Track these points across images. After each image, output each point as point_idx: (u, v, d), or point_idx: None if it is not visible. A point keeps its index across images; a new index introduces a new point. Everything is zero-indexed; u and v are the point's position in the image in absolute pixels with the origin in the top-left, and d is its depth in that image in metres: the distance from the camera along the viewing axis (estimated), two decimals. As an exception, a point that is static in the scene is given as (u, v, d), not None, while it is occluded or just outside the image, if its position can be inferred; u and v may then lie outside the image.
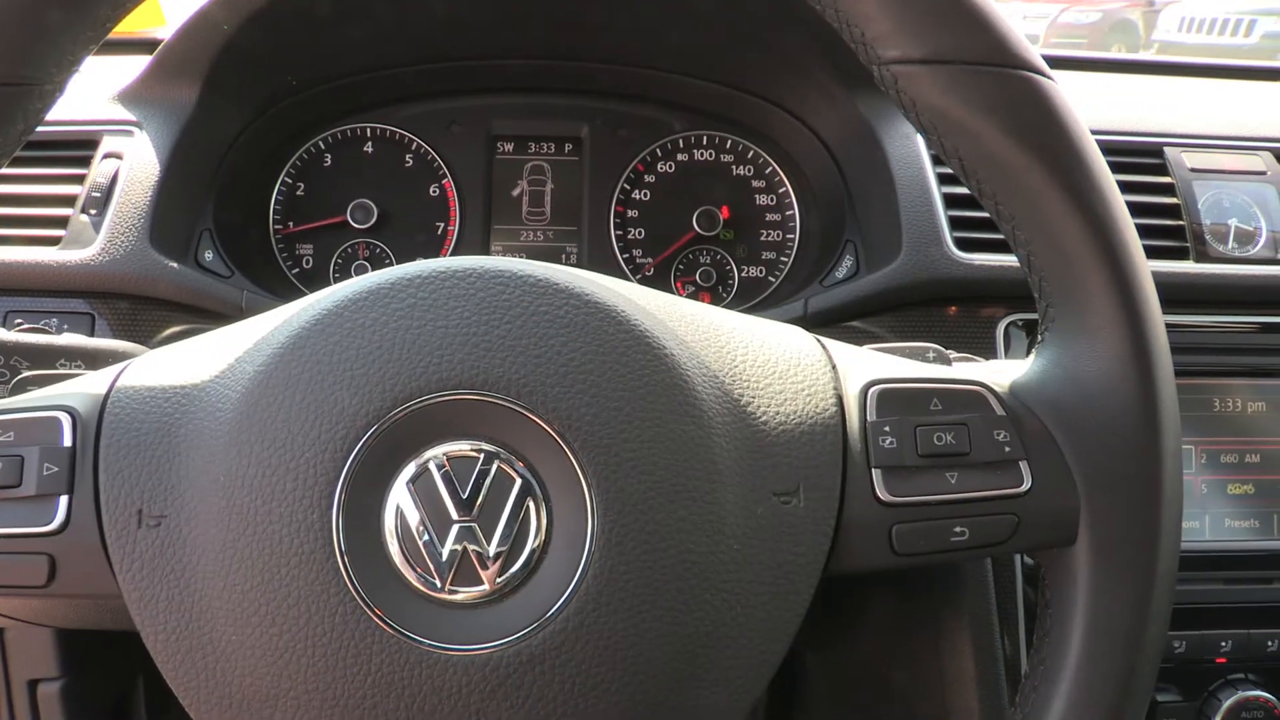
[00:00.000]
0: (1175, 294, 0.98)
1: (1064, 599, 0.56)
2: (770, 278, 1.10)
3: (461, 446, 0.51)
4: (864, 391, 0.56)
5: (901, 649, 1.03)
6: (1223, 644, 0.97)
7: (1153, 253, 0.97)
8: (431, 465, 0.51)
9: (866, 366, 0.58)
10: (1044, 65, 0.55)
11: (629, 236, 1.10)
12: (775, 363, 0.56)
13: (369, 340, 0.52)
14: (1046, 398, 0.56)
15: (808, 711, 1.37)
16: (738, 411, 0.53)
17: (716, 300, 1.09)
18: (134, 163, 0.95)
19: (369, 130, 1.11)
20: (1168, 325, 0.97)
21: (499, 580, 0.50)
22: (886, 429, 0.55)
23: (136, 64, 1.03)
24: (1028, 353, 0.67)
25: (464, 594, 0.50)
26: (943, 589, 0.94)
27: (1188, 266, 0.98)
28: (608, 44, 1.09)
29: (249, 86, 1.02)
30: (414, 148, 1.11)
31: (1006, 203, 0.56)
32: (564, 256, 1.10)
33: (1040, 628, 0.57)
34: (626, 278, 1.08)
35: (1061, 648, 0.56)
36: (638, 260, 1.10)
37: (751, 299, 1.09)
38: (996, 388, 0.57)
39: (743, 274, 1.10)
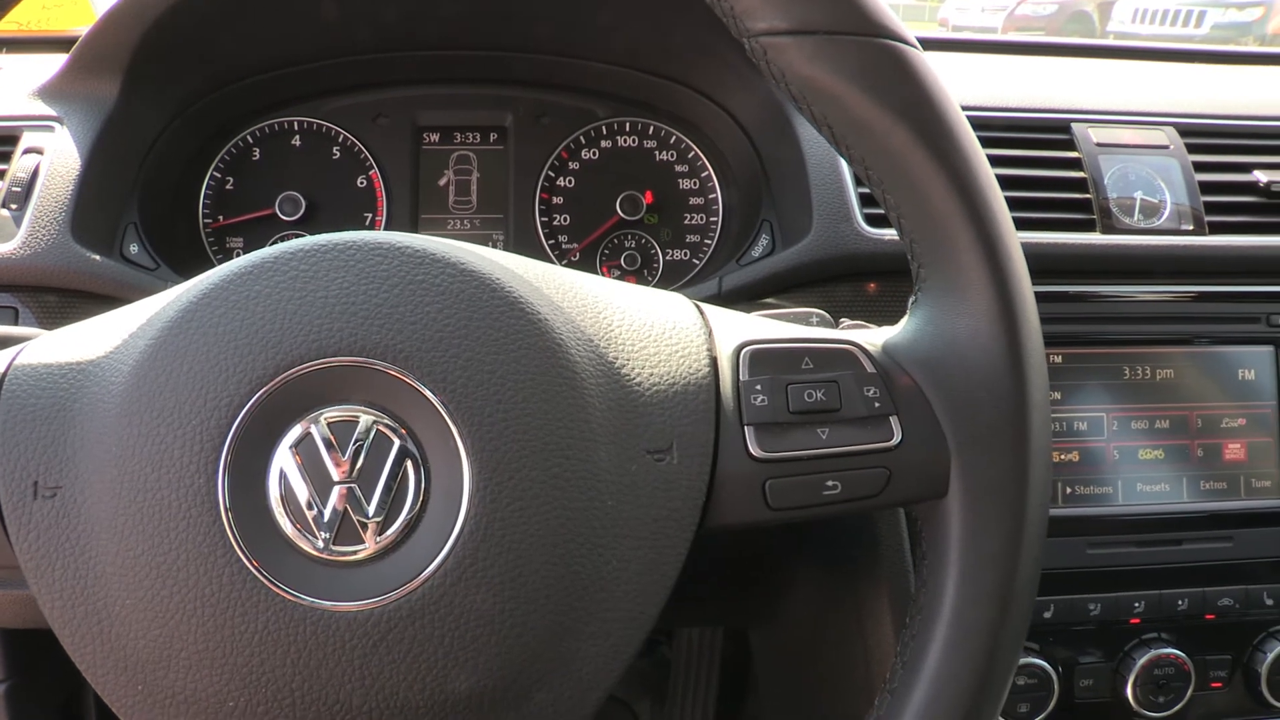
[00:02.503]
0: (1084, 265, 1.01)
1: (938, 550, 0.58)
2: (695, 259, 1.12)
3: (342, 411, 0.53)
4: (736, 352, 0.58)
5: (828, 622, 1.05)
6: (1136, 605, 1.00)
7: (1061, 225, 1.01)
8: (313, 429, 0.52)
9: (741, 329, 0.60)
10: (907, 33, 0.57)
11: (554, 222, 1.12)
12: (651, 327, 0.58)
13: (253, 311, 0.53)
14: (917, 355, 0.58)
15: (757, 688, 1.39)
16: (612, 374, 0.55)
17: (642, 283, 1.11)
18: (55, 157, 0.95)
19: (296, 124, 1.12)
20: (1077, 296, 1.01)
21: (379, 539, 0.52)
22: (758, 387, 0.57)
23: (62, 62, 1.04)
24: None
25: (346, 552, 0.52)
26: (861, 562, 0.97)
27: (1095, 238, 1.01)
28: (529, 33, 1.10)
29: (171, 81, 1.03)
30: (341, 140, 1.12)
31: (875, 167, 0.58)
32: (490, 243, 1.12)
33: (919, 579, 0.59)
34: (553, 262, 1.10)
35: (937, 596, 0.58)
36: (563, 245, 1.12)
37: (677, 281, 1.11)
38: (868, 346, 0.59)
39: (667, 257, 1.12)
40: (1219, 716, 1.03)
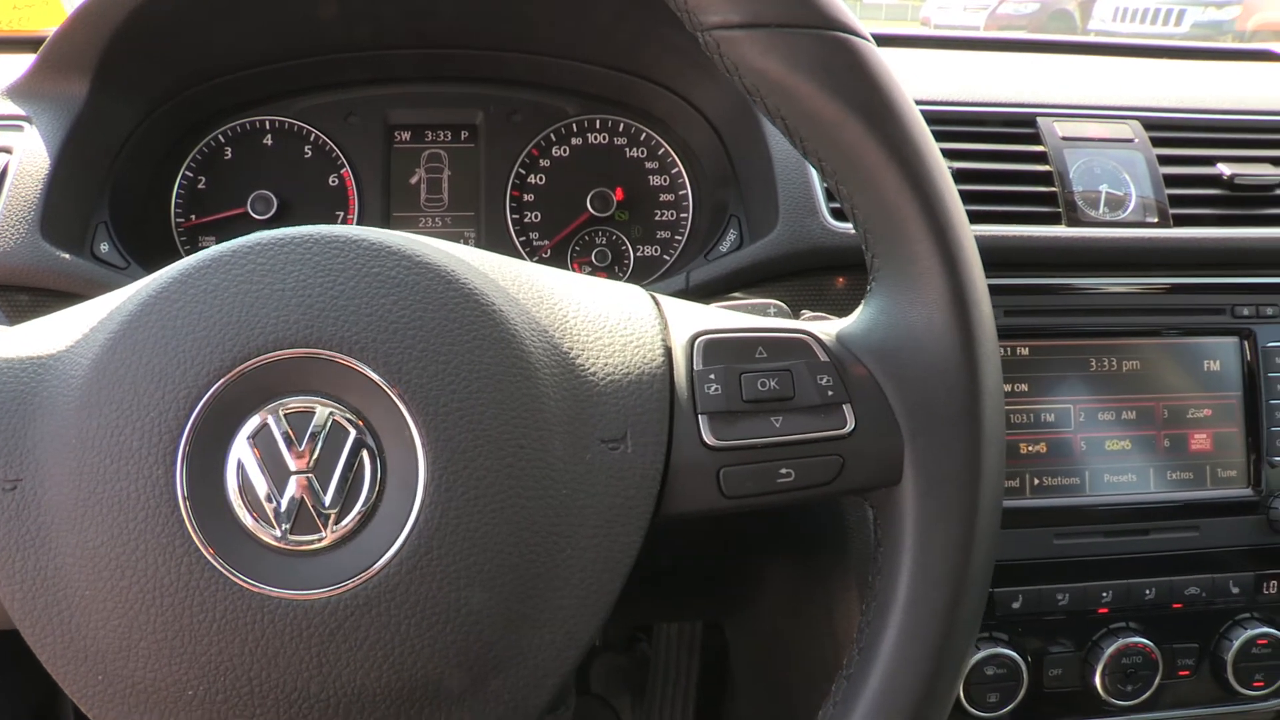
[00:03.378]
0: (1049, 258, 1.02)
1: (893, 537, 0.59)
2: (665, 256, 1.12)
3: (299, 402, 0.53)
4: (691, 342, 0.59)
5: (799, 614, 1.06)
6: (1104, 594, 1.00)
7: (1027, 219, 1.02)
8: (270, 420, 0.53)
9: (695, 319, 0.61)
10: (859, 26, 0.58)
11: (525, 220, 1.12)
12: (605, 318, 0.59)
13: (211, 305, 0.54)
14: (871, 344, 0.59)
15: (734, 680, 1.40)
16: (566, 364, 0.56)
17: (614, 279, 1.11)
18: (24, 157, 0.95)
19: (267, 123, 1.13)
20: (1043, 288, 1.02)
21: (335, 528, 0.52)
22: (712, 376, 0.58)
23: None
24: None
25: (303, 542, 0.52)
26: (831, 554, 0.97)
27: (1060, 231, 1.02)
28: (499, 32, 1.11)
29: (141, 80, 1.03)
30: (312, 139, 1.13)
31: (828, 159, 0.59)
32: (462, 240, 1.12)
33: (874, 566, 0.60)
34: (524, 259, 1.10)
35: (892, 583, 0.58)
36: (534, 243, 1.12)
37: (647, 277, 1.11)
38: (822, 335, 0.60)
39: (638, 253, 1.12)
40: (1187, 704, 1.04)
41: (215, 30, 1.04)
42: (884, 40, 1.54)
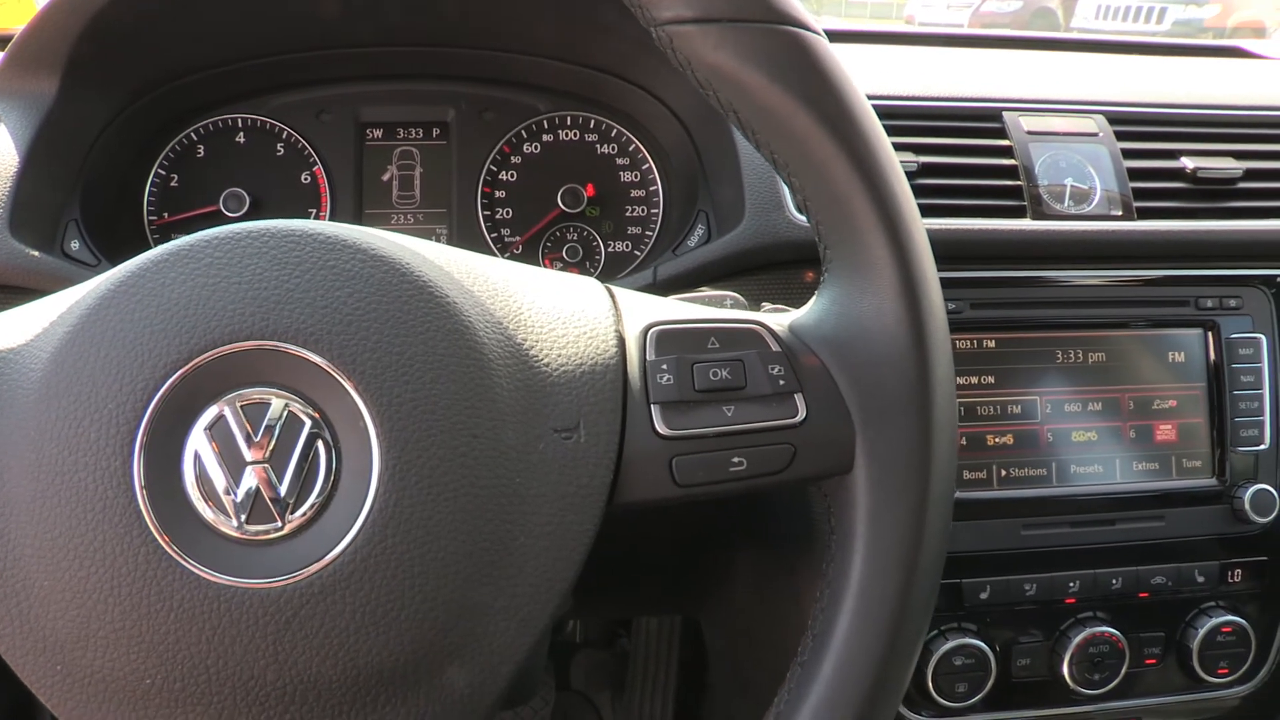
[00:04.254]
0: (1015, 250, 1.03)
1: (846, 524, 0.60)
2: (636, 251, 1.13)
3: (255, 393, 0.54)
4: (644, 333, 0.60)
5: (768, 605, 1.07)
6: (1071, 585, 1.02)
7: (993, 212, 1.03)
8: (227, 411, 0.53)
9: (649, 310, 0.62)
10: (809, 20, 0.59)
11: (497, 216, 1.13)
12: (559, 310, 0.60)
13: (169, 297, 0.54)
14: (823, 334, 0.60)
15: (711, 673, 1.41)
16: (520, 355, 0.57)
17: (585, 274, 1.12)
18: (-8, 154, 0.96)
19: (240, 120, 1.13)
20: (1009, 281, 1.03)
21: (291, 517, 0.53)
22: (664, 367, 0.59)
23: None
24: None
25: (259, 531, 0.53)
26: (798, 544, 0.98)
27: (1026, 224, 1.03)
28: (469, 29, 1.11)
29: (111, 78, 1.03)
30: (285, 137, 1.13)
31: (780, 151, 0.59)
32: (434, 237, 1.13)
33: (828, 554, 0.61)
34: (496, 255, 1.11)
35: (844, 570, 0.59)
36: (506, 239, 1.13)
37: (619, 272, 1.12)
38: (774, 326, 0.60)
39: (609, 249, 1.13)
40: (1153, 693, 1.05)
41: (185, 28, 1.05)
42: (854, 37, 1.55)
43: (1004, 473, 1.01)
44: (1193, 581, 1.04)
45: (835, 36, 1.73)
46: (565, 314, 0.59)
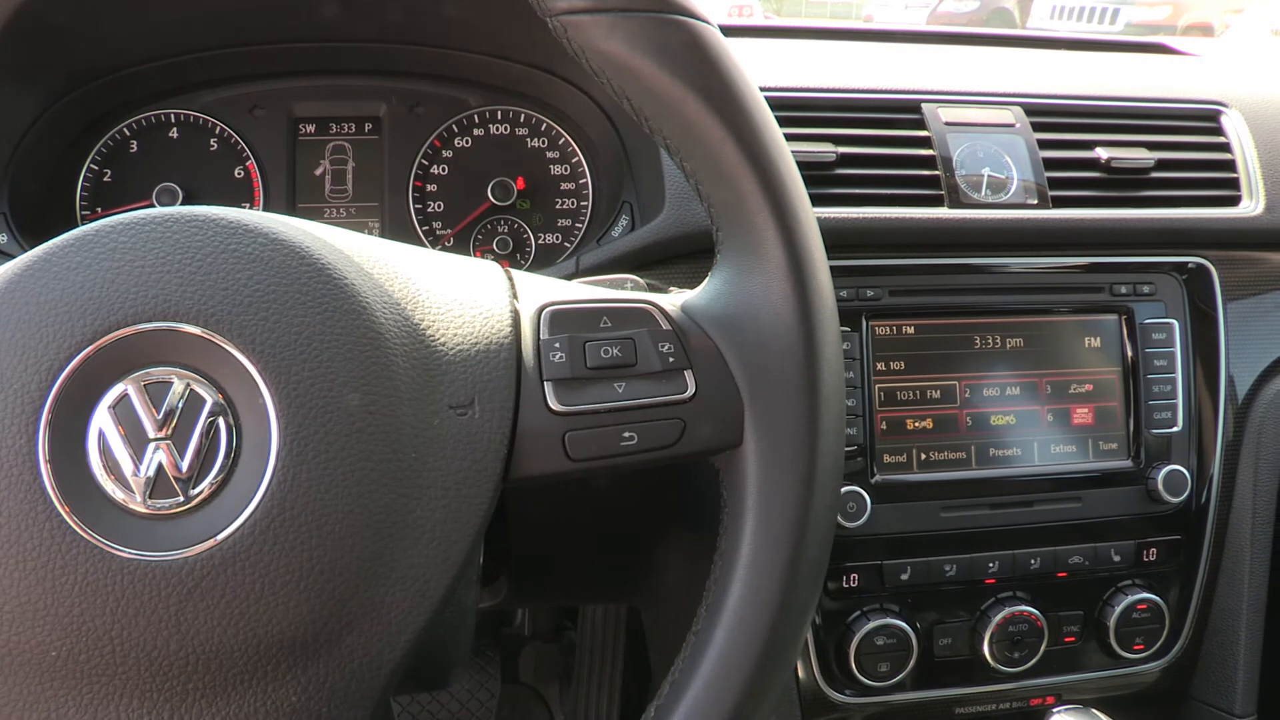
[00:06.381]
0: (932, 239, 1.05)
1: (737, 496, 0.61)
2: (566, 243, 1.15)
3: (158, 372, 0.55)
4: (538, 313, 0.62)
5: (696, 589, 1.08)
6: (991, 565, 1.04)
7: (912, 201, 1.05)
8: (130, 390, 0.55)
9: (544, 291, 0.64)
10: (700, 11, 0.61)
11: (429, 209, 1.14)
12: (457, 291, 0.61)
13: (74, 281, 0.56)
14: (713, 313, 0.62)
15: (651, 660, 1.42)
16: (416, 335, 0.58)
17: (516, 266, 1.14)
18: (-82, 149, 0.96)
19: (173, 116, 1.14)
20: (927, 269, 1.05)
21: (192, 491, 0.54)
22: (557, 345, 0.61)
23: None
24: None
25: (161, 506, 0.54)
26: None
27: (944, 213, 1.05)
28: (401, 25, 1.12)
29: (38, 73, 1.04)
30: (218, 132, 1.14)
31: (672, 136, 0.61)
32: (367, 230, 1.14)
33: (721, 527, 0.63)
34: (427, 247, 1.12)
35: (735, 541, 0.61)
36: (437, 231, 1.14)
37: (549, 263, 1.13)
38: (665, 306, 0.62)
39: (540, 241, 1.15)
40: (1072, 669, 1.08)
41: (111, 24, 1.05)
42: (778, 32, 1.57)
43: (924, 456, 1.03)
44: (1109, 561, 1.06)
45: (758, 32, 1.75)
46: (462, 295, 0.61)
